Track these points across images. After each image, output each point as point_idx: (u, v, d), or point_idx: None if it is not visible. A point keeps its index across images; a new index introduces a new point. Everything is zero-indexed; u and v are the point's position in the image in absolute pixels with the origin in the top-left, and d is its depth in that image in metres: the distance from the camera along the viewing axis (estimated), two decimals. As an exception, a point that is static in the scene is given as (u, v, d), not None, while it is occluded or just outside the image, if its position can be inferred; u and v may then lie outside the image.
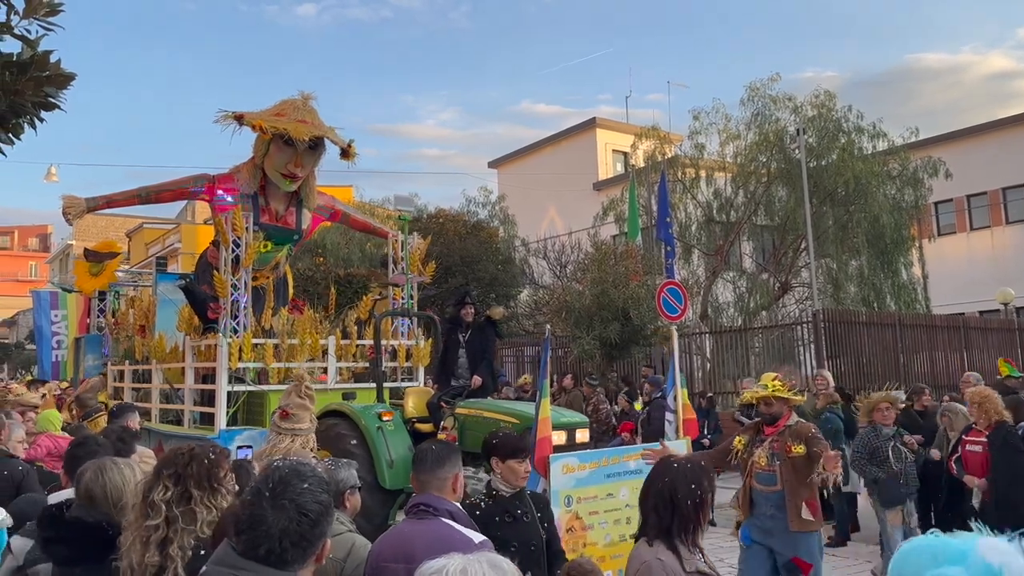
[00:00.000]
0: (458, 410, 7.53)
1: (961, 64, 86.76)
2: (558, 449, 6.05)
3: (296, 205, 9.84)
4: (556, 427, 6.20)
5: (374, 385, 8.83)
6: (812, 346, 15.32)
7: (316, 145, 9.21)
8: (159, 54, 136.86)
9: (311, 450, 5.35)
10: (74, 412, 8.66)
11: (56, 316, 16.68)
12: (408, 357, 10.02)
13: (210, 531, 2.64)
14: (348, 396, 8.33)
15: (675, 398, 7.09)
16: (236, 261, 8.97)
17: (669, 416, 7.17)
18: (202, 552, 2.55)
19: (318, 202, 10.11)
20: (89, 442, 4.02)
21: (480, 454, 7.35)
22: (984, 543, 1.46)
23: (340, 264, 20.14)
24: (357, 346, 9.63)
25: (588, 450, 6.43)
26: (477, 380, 8.20)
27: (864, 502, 9.74)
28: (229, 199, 9.12)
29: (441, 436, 7.19)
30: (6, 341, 53.66)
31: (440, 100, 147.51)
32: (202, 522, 2.65)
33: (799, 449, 5.05)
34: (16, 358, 45.46)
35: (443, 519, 3.01)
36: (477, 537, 2.97)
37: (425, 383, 9.85)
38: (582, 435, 6.94)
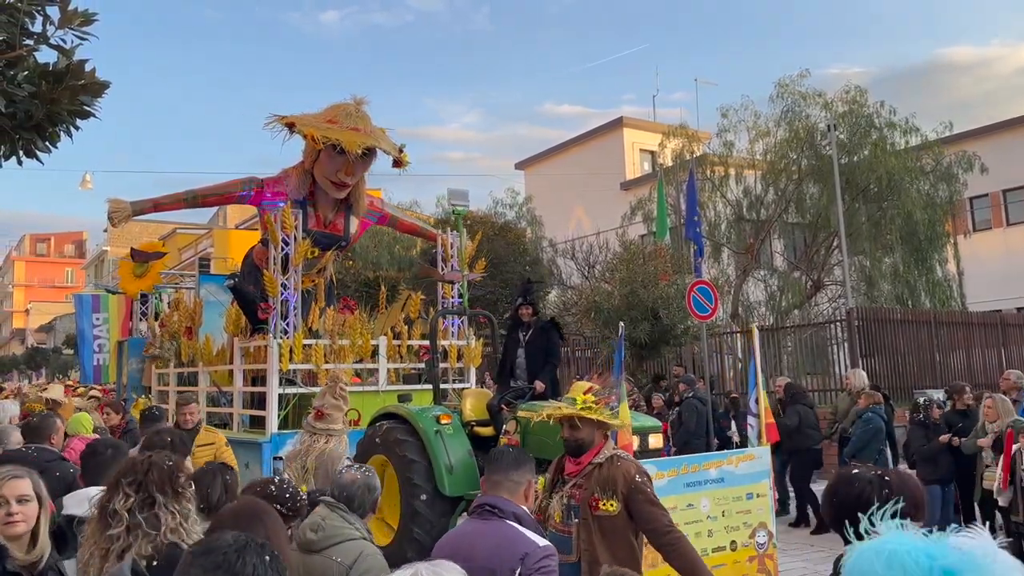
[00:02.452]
0: (520, 413, 6.99)
1: (990, 58, 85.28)
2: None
3: (345, 211, 9.62)
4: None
5: (425, 386, 8.57)
6: (846, 345, 15.12)
7: (367, 153, 9.02)
8: (184, 61, 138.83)
9: (343, 451, 5.35)
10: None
11: (98, 319, 16.70)
12: (459, 357, 9.71)
13: (174, 537, 2.62)
14: (404, 398, 8.04)
15: (757, 401, 6.54)
16: (285, 260, 8.76)
17: (752, 420, 6.58)
18: (155, 563, 2.52)
19: (366, 206, 9.91)
20: (100, 445, 4.14)
21: (546, 460, 7.06)
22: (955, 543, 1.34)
23: (369, 267, 20.24)
24: (408, 347, 9.35)
25: (667, 457, 5.87)
26: (540, 385, 7.70)
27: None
28: (280, 204, 8.95)
29: (503, 440, 6.85)
30: (44, 346, 54.69)
31: (463, 103, 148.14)
32: (165, 527, 2.62)
33: (609, 507, 3.57)
34: (53, 363, 46.31)
35: (509, 521, 2.91)
36: (541, 540, 2.87)
37: (480, 384, 9.57)
38: (656, 440, 6.39)
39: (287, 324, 8.65)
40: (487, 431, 7.39)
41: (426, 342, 9.19)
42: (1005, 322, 18.03)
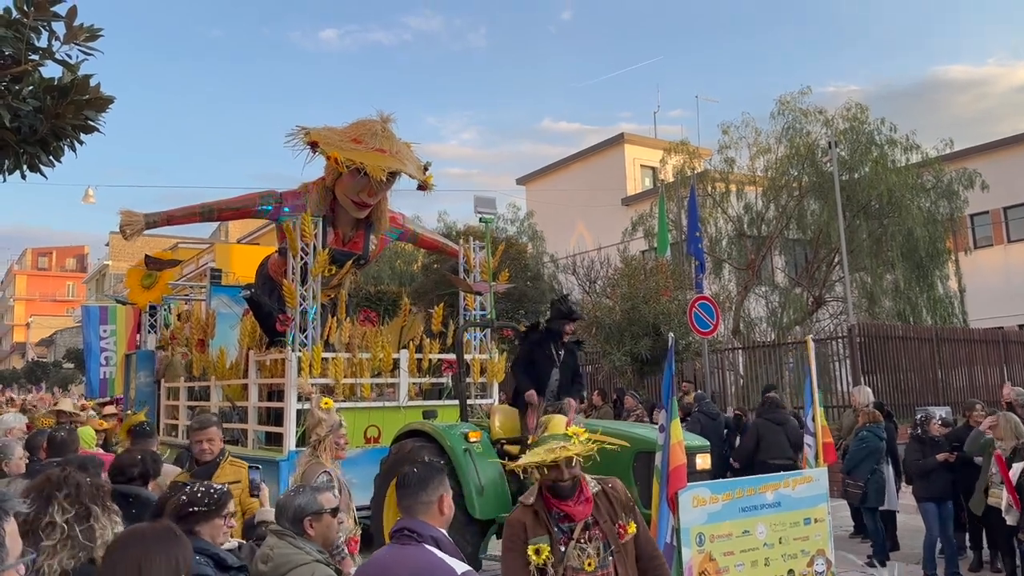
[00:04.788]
0: None
1: (987, 76, 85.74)
2: None
3: (365, 228, 9.33)
4: None
5: (448, 402, 8.30)
6: (848, 361, 15.09)
7: (391, 174, 8.71)
8: (188, 78, 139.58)
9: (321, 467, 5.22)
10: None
11: (105, 331, 16.38)
12: (482, 372, 9.31)
13: (100, 552, 2.55)
14: (429, 414, 7.61)
15: (813, 419, 6.06)
16: (304, 271, 8.39)
17: (808, 440, 6.09)
18: None
19: (388, 224, 9.61)
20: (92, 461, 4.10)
21: None
22: None
23: (370, 281, 20.22)
24: (429, 360, 9.00)
25: (719, 479, 5.41)
26: (574, 404, 7.19)
27: (904, 519, 9.53)
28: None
29: None
30: (44, 360, 54.61)
31: (462, 120, 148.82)
32: (101, 540, 2.57)
33: (632, 528, 3.50)
34: (53, 377, 46.22)
35: (427, 546, 2.89)
36: (460, 567, 2.85)
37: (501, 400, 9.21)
38: (703, 461, 5.92)
39: (305, 337, 8.28)
40: (517, 449, 6.90)
41: (446, 356, 8.94)
42: (1007, 339, 18.01)
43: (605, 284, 20.51)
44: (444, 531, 3.03)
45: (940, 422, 8.73)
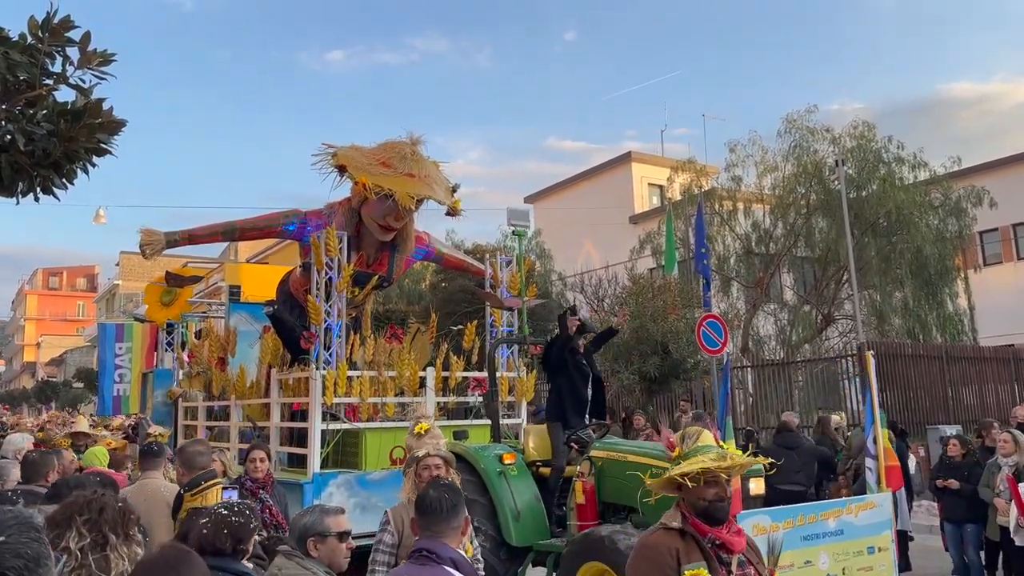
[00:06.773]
0: (594, 452, 6.13)
1: (993, 93, 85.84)
2: None
3: (390, 249, 9.17)
4: None
5: (469, 421, 8.17)
6: (857, 379, 15.02)
7: (419, 200, 8.58)
8: (194, 98, 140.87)
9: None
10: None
11: (120, 349, 16.25)
12: (511, 390, 9.01)
13: None
14: (460, 435, 7.26)
15: (875, 441, 5.65)
16: (328, 286, 8.21)
17: (870, 463, 5.66)
18: None
19: (413, 245, 9.45)
20: (71, 482, 4.05)
21: (624, 506, 5.76)
22: None
23: (379, 301, 20.23)
24: (455, 379, 8.76)
25: (780, 506, 5.11)
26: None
27: (917, 540, 9.44)
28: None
29: (577, 484, 6.09)
30: (54, 379, 54.78)
31: (468, 139, 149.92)
32: (116, 572, 2.52)
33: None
34: (63, 396, 46.35)
35: (446, 567, 2.91)
36: None
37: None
38: (757, 485, 5.55)
39: (330, 354, 8.08)
40: (549, 472, 6.69)
41: (472, 374, 8.80)
42: (1018, 357, 17.90)
43: (613, 302, 20.49)
44: (462, 551, 3.06)
45: (962, 441, 8.65)
